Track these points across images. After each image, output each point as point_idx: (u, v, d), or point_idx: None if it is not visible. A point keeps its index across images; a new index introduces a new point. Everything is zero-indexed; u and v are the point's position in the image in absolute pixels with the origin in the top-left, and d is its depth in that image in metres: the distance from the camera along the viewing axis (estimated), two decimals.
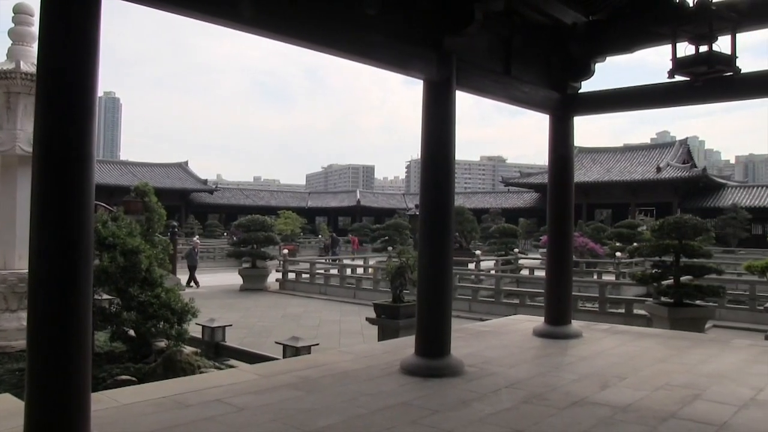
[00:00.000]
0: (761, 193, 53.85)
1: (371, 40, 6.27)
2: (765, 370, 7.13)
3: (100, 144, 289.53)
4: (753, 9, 6.98)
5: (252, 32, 5.44)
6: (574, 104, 9.13)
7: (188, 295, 10.47)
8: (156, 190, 21.48)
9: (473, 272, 24.76)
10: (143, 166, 62.70)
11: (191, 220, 54.77)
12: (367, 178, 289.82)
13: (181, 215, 56.13)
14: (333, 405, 5.49)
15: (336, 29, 5.95)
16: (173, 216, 37.59)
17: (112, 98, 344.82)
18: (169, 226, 24.42)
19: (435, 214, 6.98)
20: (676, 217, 14.45)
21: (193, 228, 51.85)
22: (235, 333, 13.03)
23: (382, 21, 6.40)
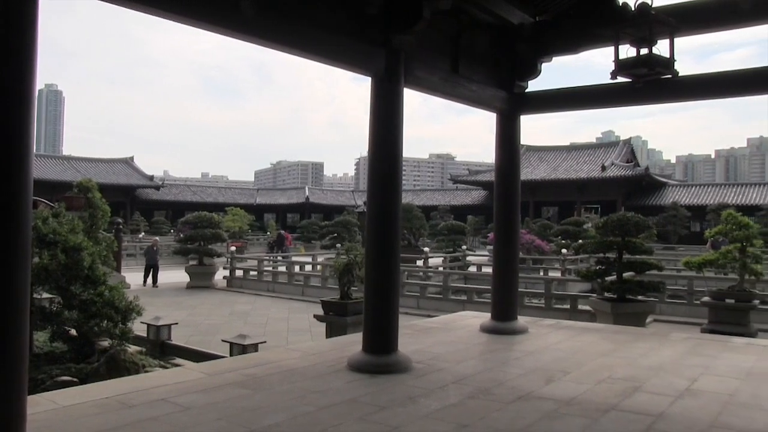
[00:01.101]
0: (699, 191, 55.54)
1: (319, 37, 6.26)
2: (700, 362, 7.38)
3: (41, 138, 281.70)
4: (689, 15, 7.23)
5: (197, 26, 5.38)
6: (521, 103, 9.26)
7: (131, 293, 10.28)
8: (100, 186, 21.00)
9: (421, 269, 24.89)
10: (87, 161, 61.19)
11: (137, 217, 53.75)
12: (316, 175, 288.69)
13: (126, 212, 54.96)
14: (280, 403, 5.47)
15: (282, 25, 5.93)
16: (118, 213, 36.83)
17: (54, 91, 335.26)
18: (113, 222, 23.86)
19: (382, 211, 7.00)
20: (619, 215, 14.79)
21: (139, 225, 50.91)
22: (181, 331, 12.85)
23: (329, 18, 6.41)
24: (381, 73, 6.88)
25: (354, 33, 6.67)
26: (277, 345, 10.70)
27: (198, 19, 5.28)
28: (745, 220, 14.87)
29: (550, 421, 5.11)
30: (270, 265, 25.66)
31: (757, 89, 8.13)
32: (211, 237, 25.75)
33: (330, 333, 11.27)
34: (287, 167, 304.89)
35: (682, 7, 7.48)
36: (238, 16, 5.49)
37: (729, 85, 7.99)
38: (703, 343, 8.84)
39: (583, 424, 5.05)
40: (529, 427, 4.95)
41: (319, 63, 6.80)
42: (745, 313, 13.88)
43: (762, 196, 50.51)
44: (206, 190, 75.40)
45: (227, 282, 24.60)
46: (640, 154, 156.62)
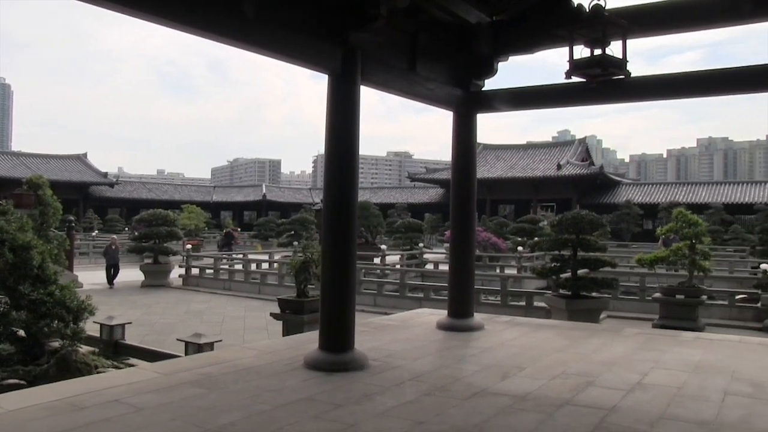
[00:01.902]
0: (652, 190, 56.78)
1: (275, 34, 6.22)
2: (651, 356, 7.55)
3: None
4: (641, 18, 7.37)
5: (151, 20, 5.31)
6: (478, 102, 9.32)
7: (84, 292, 10.08)
8: (52, 183, 20.57)
9: (379, 267, 24.94)
10: (38, 157, 59.89)
11: (90, 215, 52.69)
12: (274, 173, 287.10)
13: (79, 209, 53.94)
14: (235, 402, 5.43)
15: (238, 21, 5.86)
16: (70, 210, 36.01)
17: (2, 84, 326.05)
18: (65, 220, 23.31)
19: (339, 209, 6.99)
20: (574, 213, 15.00)
21: (92, 223, 49.97)
22: (135, 331, 12.66)
23: (286, 14, 6.37)
24: (338, 70, 6.87)
25: (311, 30, 6.64)
26: (233, 344, 10.61)
27: (151, 13, 5.20)
28: (694, 218, 15.24)
29: (506, 417, 5.17)
30: (226, 264, 25.43)
31: (704, 91, 8.36)
32: (166, 235, 25.40)
33: (287, 331, 11.21)
34: (244, 164, 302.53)
35: (634, 9, 7.61)
36: (193, 12, 5.43)
37: (678, 87, 8.19)
38: (654, 337, 9.03)
39: (538, 419, 5.12)
40: (485, 423, 5.00)
41: (275, 60, 6.75)
42: (694, 308, 14.23)
43: (710, 195, 51.84)
44: (162, 187, 74.45)
45: (183, 280, 24.30)
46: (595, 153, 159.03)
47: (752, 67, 7.75)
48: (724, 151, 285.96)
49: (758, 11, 7.34)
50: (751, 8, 7.31)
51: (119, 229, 48.62)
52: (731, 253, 32.98)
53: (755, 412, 5.39)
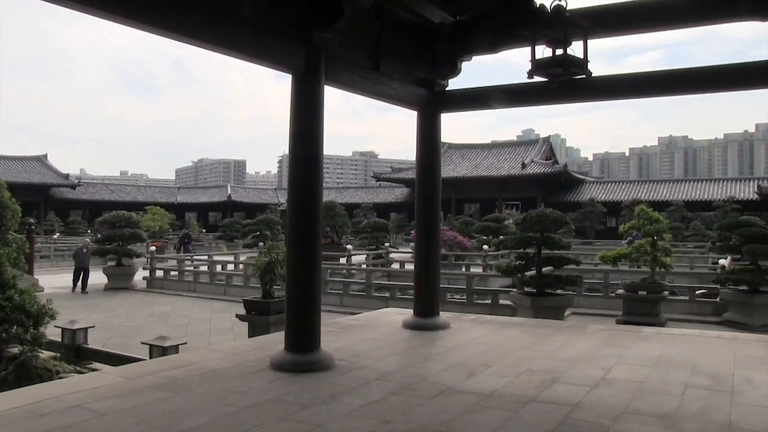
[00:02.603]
0: (615, 188, 57.55)
1: (238, 33, 6.19)
2: (614, 352, 7.65)
3: None
4: (601, 19, 7.49)
5: (110, 18, 5.24)
6: (442, 101, 9.37)
7: (45, 296, 9.90)
8: (10, 184, 20.12)
9: (345, 267, 24.91)
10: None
11: (51, 217, 51.75)
12: (239, 173, 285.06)
13: (39, 212, 52.88)
14: (201, 404, 5.38)
15: (199, 20, 5.82)
16: (30, 213, 35.27)
17: None
18: (25, 223, 22.85)
19: (303, 209, 6.98)
20: (538, 211, 15.15)
21: (54, 225, 49.08)
22: (98, 334, 12.46)
23: (248, 13, 6.33)
24: (301, 70, 6.85)
25: (274, 30, 6.61)
26: (199, 346, 10.51)
27: (110, 11, 5.13)
28: (655, 216, 15.50)
29: (472, 415, 5.20)
30: (191, 265, 25.18)
31: (664, 91, 8.53)
32: (130, 237, 25.07)
33: (252, 332, 11.13)
34: (209, 165, 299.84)
35: (595, 10, 7.73)
36: (152, 9, 5.37)
37: (639, 86, 8.35)
38: (617, 333, 9.17)
39: (504, 416, 5.16)
40: (451, 421, 5.02)
41: (238, 60, 6.71)
42: (655, 303, 14.47)
43: (671, 193, 52.75)
44: (125, 188, 73.60)
45: (147, 283, 24.01)
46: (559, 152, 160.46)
47: (711, 68, 7.95)
48: (684, 150, 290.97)
49: (715, 13, 7.51)
50: (709, 10, 7.48)
51: (81, 232, 47.82)
52: (692, 249, 33.58)
53: (713, 403, 5.51)
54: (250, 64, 6.86)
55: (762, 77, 7.71)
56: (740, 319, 14.59)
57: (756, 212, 36.32)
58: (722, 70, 7.90)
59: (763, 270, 15.03)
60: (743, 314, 14.67)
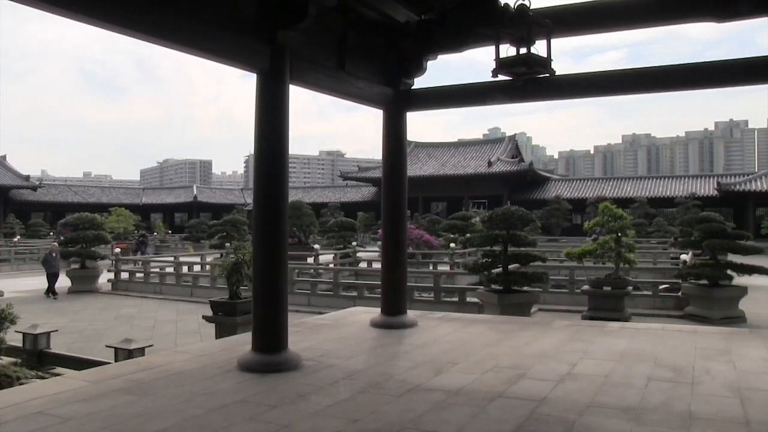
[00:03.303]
0: (580, 185, 58.28)
1: (202, 31, 6.14)
2: (579, 347, 7.76)
3: None
4: (564, 18, 7.58)
5: (72, 17, 5.16)
6: (408, 100, 9.39)
7: (5, 301, 9.71)
8: None
9: (312, 266, 24.84)
10: None
11: (11, 219, 50.71)
12: (205, 173, 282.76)
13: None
14: (167, 407, 5.33)
15: (163, 18, 5.76)
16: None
17: None
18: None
19: (269, 209, 6.95)
20: (504, 209, 15.24)
21: (14, 227, 48.11)
22: (62, 339, 12.29)
23: (212, 12, 6.29)
24: (266, 69, 6.82)
25: (238, 29, 6.57)
26: (165, 348, 10.39)
27: (67, 8, 5.06)
28: (619, 212, 15.73)
29: (440, 412, 5.23)
30: (157, 267, 24.90)
31: (626, 89, 8.69)
32: (93, 239, 24.71)
33: (219, 334, 11.07)
34: (175, 165, 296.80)
35: (558, 10, 7.81)
36: (116, 8, 5.30)
37: (601, 85, 8.48)
38: (582, 329, 9.28)
39: (471, 412, 5.20)
40: (419, 419, 5.05)
41: (203, 59, 6.66)
42: (620, 299, 14.68)
43: (635, 190, 53.58)
44: (88, 190, 72.54)
45: (112, 285, 23.67)
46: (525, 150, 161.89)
47: (671, 67, 8.11)
48: (648, 147, 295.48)
49: (674, 13, 7.66)
50: (668, 11, 7.62)
51: (43, 234, 47.06)
52: (655, 245, 34.14)
53: (675, 395, 5.63)
54: (216, 63, 6.80)
55: (719, 77, 7.91)
56: (701, 312, 14.86)
57: (716, 208, 37.15)
58: (682, 70, 8.07)
59: (723, 264, 15.33)
60: (704, 308, 14.94)
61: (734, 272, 15.31)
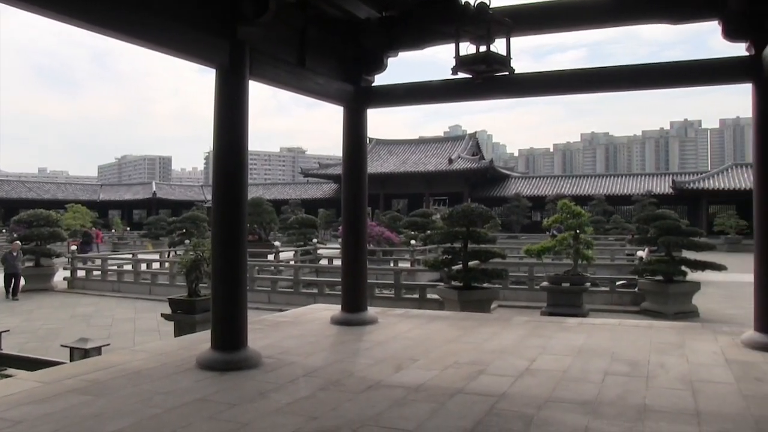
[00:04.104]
0: (540, 183, 58.96)
1: (159, 25, 6.06)
2: (538, 343, 7.86)
3: None
4: (524, 17, 7.68)
5: (24, 8, 5.03)
6: (368, 97, 9.40)
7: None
8: None
9: (272, 263, 24.69)
10: None
11: None
12: (165, 170, 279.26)
13: None
14: (124, 407, 5.25)
15: (119, 10, 5.66)
16: None
17: None
18: None
19: (228, 205, 6.91)
20: (464, 206, 15.32)
21: None
22: (14, 339, 12.02)
23: (171, 5, 6.21)
24: (225, 65, 6.76)
25: (197, 23, 6.50)
26: (123, 347, 10.22)
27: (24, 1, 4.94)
28: (578, 210, 15.94)
29: (400, 408, 5.25)
30: (115, 264, 24.49)
31: (585, 88, 8.82)
32: (48, 236, 24.16)
33: (178, 332, 10.93)
34: (133, 162, 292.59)
35: (518, 9, 7.91)
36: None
37: (560, 83, 8.60)
38: (541, 325, 9.40)
39: (431, 408, 5.23)
40: (379, 415, 5.06)
41: (161, 53, 6.57)
42: (578, 295, 14.88)
43: (594, 187, 54.39)
44: (44, 186, 71.06)
45: (68, 283, 23.20)
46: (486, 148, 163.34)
47: (627, 67, 8.28)
48: (606, 146, 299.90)
49: (630, 15, 7.81)
50: (624, 12, 7.76)
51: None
52: (612, 241, 34.69)
53: (631, 389, 5.74)
54: (175, 58, 6.71)
55: (674, 77, 8.11)
56: (656, 307, 15.15)
57: (671, 206, 37.93)
58: (638, 70, 8.25)
59: (677, 261, 15.65)
60: (659, 303, 15.24)
61: (688, 268, 15.65)
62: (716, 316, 14.74)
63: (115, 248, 42.05)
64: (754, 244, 7.56)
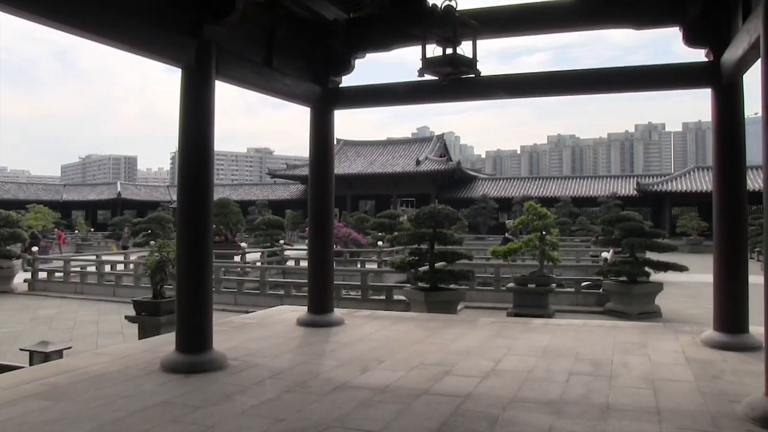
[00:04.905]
0: (506, 185, 59.40)
1: (124, 23, 5.98)
2: (504, 343, 7.91)
3: None
4: (490, 20, 7.74)
5: None
6: (335, 98, 9.38)
7: None
8: None
9: (239, 265, 24.53)
10: None
11: None
12: (130, 170, 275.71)
13: None
14: (85, 412, 5.16)
15: (83, 8, 5.58)
16: None
17: None
18: None
19: (194, 206, 6.85)
20: (430, 207, 15.35)
21: None
22: None
23: (136, 3, 6.14)
24: (191, 64, 6.71)
25: (163, 22, 6.43)
26: (85, 350, 10.07)
27: None
28: (543, 211, 16.10)
29: (366, 409, 5.25)
30: (78, 265, 24.11)
31: (551, 90, 8.91)
32: (8, 237, 23.74)
33: (143, 334, 10.80)
34: (98, 161, 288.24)
35: (484, 11, 7.95)
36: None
37: (527, 86, 8.69)
38: (507, 325, 9.46)
39: (397, 409, 5.24)
40: (345, 417, 5.05)
41: (126, 52, 6.48)
42: (544, 296, 15.03)
43: (560, 189, 54.97)
44: (4, 185, 69.68)
45: (29, 285, 22.76)
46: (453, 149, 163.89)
47: (594, 70, 8.41)
48: (572, 148, 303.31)
49: (594, 19, 7.93)
50: (589, 16, 7.87)
51: None
52: (578, 243, 35.12)
53: (594, 388, 5.81)
54: (140, 56, 6.64)
55: (638, 81, 8.25)
56: (620, 308, 15.35)
57: (636, 207, 38.57)
58: (604, 73, 8.39)
59: (641, 262, 15.88)
60: (623, 303, 15.44)
61: (651, 269, 15.90)
62: (678, 315, 14.99)
63: (79, 249, 41.43)
64: (714, 246, 7.71)
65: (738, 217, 7.58)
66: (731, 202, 7.56)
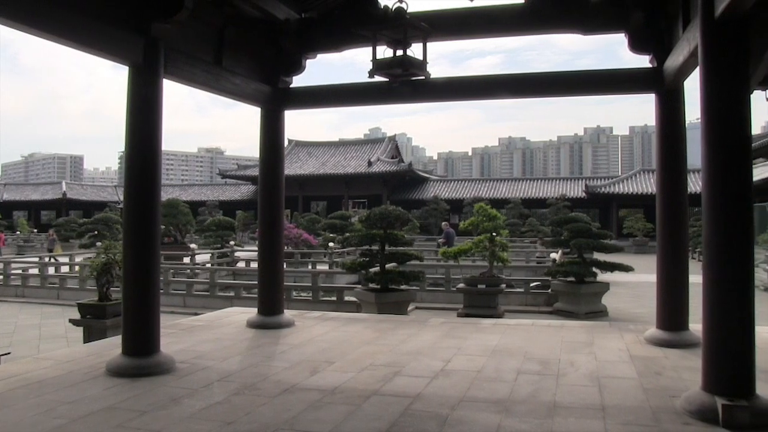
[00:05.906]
0: (458, 186, 59.83)
1: (69, 19, 5.85)
2: (454, 344, 7.98)
3: None
4: (440, 23, 7.80)
5: None
6: (286, 98, 9.34)
7: None
8: None
9: (188, 266, 24.19)
10: None
11: None
12: (76, 169, 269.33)
13: None
14: (24, 419, 5.02)
15: (27, 3, 5.44)
16: None
17: None
18: None
19: (141, 206, 6.75)
20: (381, 209, 15.36)
21: None
22: None
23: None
24: (139, 62, 6.60)
25: (110, 18, 6.31)
26: (26, 355, 9.79)
27: None
28: (494, 212, 16.25)
29: (315, 411, 5.24)
30: (19, 267, 23.44)
31: (500, 93, 9.01)
32: None
33: (88, 338, 10.56)
34: (42, 160, 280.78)
35: (434, 14, 8.01)
36: None
37: (476, 89, 8.79)
38: (457, 326, 9.54)
39: (347, 410, 5.24)
40: (295, 419, 5.03)
41: (71, 48, 6.33)
42: (494, 296, 15.17)
43: (510, 191, 55.65)
44: None
45: None
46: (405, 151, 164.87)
47: (543, 74, 8.56)
48: (523, 150, 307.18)
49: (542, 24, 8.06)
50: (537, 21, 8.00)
51: None
52: (528, 244, 35.52)
53: (542, 387, 5.91)
54: (85, 53, 6.50)
55: (586, 85, 8.42)
56: (568, 308, 15.59)
57: (584, 209, 39.30)
58: (553, 77, 8.54)
59: (588, 262, 16.16)
60: (571, 303, 15.68)
61: (598, 269, 16.20)
62: (624, 315, 15.30)
63: (21, 251, 40.29)
64: (657, 247, 7.91)
65: (679, 219, 7.80)
66: (673, 204, 7.78)
